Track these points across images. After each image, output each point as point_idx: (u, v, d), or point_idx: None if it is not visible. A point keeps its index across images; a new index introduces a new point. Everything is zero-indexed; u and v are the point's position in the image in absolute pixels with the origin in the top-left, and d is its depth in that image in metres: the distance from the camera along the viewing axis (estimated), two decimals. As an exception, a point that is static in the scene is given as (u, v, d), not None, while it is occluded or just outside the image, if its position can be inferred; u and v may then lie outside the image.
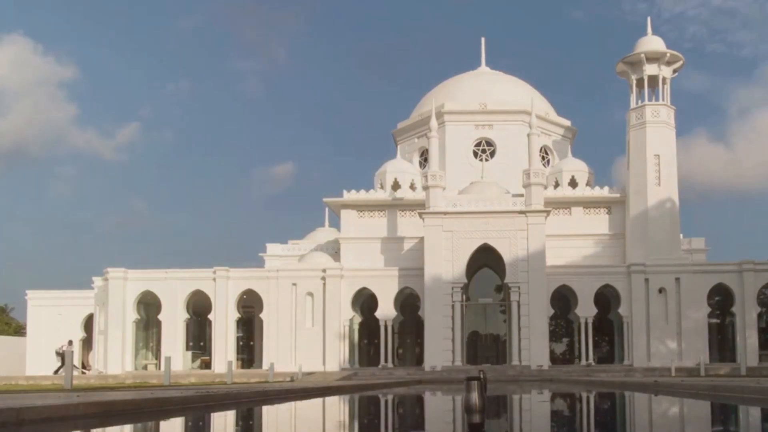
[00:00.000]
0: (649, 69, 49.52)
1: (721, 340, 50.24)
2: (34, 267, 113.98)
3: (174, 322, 48.61)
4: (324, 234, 58.20)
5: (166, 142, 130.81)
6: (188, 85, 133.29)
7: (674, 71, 50.67)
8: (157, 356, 49.77)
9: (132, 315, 49.00)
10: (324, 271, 48.47)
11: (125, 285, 48.84)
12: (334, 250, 53.49)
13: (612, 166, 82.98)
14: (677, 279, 46.88)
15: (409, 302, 49.46)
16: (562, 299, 49.14)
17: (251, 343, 53.08)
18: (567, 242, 48.97)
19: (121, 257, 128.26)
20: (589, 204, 51.26)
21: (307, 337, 48.03)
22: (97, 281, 50.93)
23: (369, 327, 51.25)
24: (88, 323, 52.12)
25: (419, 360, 49.28)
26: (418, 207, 48.07)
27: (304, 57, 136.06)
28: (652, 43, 50.15)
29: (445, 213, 46.20)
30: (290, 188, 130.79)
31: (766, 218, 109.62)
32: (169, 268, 50.06)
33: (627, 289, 47.09)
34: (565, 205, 50.96)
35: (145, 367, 50.23)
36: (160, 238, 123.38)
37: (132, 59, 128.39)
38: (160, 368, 45.03)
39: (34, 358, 50.87)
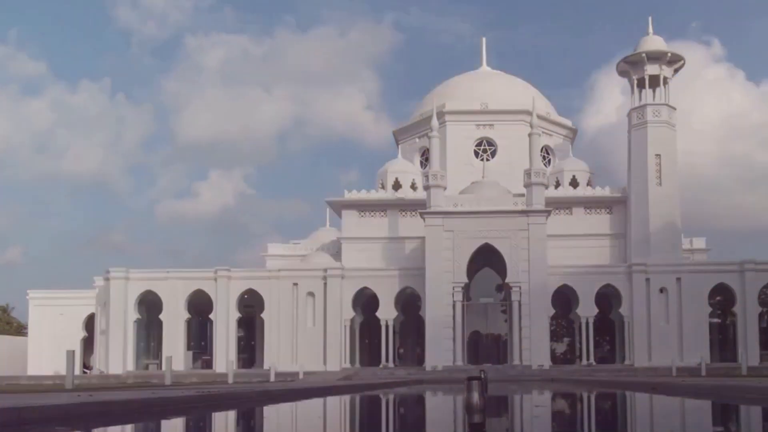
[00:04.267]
0: (650, 69, 49.52)
1: (722, 340, 50.24)
2: (35, 267, 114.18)
3: (175, 322, 48.65)
4: (325, 234, 58.24)
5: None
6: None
7: (675, 71, 50.66)
8: (159, 356, 49.80)
9: (133, 315, 49.04)
10: (325, 271, 48.48)
11: (126, 285, 48.89)
12: (335, 250, 53.51)
13: (613, 166, 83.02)
14: (678, 279, 46.87)
15: (410, 302, 49.45)
16: (563, 299, 49.11)
17: (252, 342, 53.11)
18: (568, 242, 48.96)
19: (123, 257, 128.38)
20: (590, 204, 51.25)
21: (308, 336, 48.06)
22: (99, 281, 50.98)
23: (370, 327, 51.25)
24: (90, 323, 52.14)
25: (420, 360, 49.28)
26: (419, 207, 48.05)
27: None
28: (653, 42, 50.13)
29: (446, 213, 46.19)
30: (291, 188, 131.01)
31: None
32: (170, 268, 50.12)
33: (628, 289, 47.08)
34: (566, 205, 50.95)
35: (146, 367, 50.24)
36: (162, 238, 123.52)
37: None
38: (161, 368, 45.03)
39: (36, 358, 50.91)
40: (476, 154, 56.34)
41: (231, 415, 14.02)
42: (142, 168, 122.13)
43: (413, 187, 52.59)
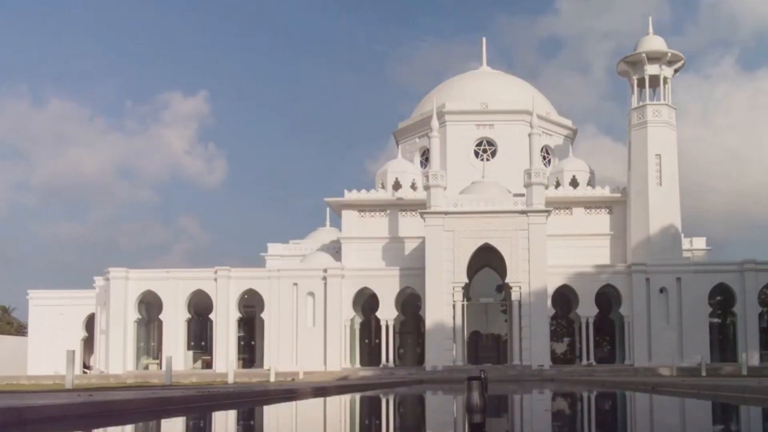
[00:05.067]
0: (650, 69, 49.50)
1: (722, 340, 50.22)
2: (35, 266, 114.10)
3: (175, 322, 48.67)
4: (325, 234, 58.21)
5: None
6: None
7: (675, 71, 50.64)
8: (159, 356, 49.82)
9: (133, 315, 49.04)
10: (325, 270, 48.48)
11: (127, 285, 48.89)
12: (335, 249, 53.49)
13: (613, 166, 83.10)
14: (678, 279, 46.88)
15: (410, 302, 49.46)
16: (563, 299, 49.13)
17: (252, 342, 53.10)
18: (568, 242, 48.94)
19: (123, 257, 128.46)
20: (590, 204, 51.24)
21: (308, 336, 48.06)
22: (99, 281, 50.98)
23: (370, 327, 51.29)
24: (90, 323, 52.14)
25: (420, 360, 49.29)
26: (420, 207, 48.06)
27: (304, 56, 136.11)
28: (653, 42, 50.11)
29: (446, 213, 46.20)
30: (292, 188, 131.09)
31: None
32: (171, 268, 50.12)
33: (628, 289, 47.09)
34: (566, 204, 50.94)
35: (146, 367, 50.24)
36: (162, 238, 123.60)
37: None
38: (161, 368, 45.06)
39: (36, 358, 50.90)
40: (476, 154, 56.34)
41: (231, 415, 14.02)
42: (21, 204, 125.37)
43: (413, 187, 52.58)
